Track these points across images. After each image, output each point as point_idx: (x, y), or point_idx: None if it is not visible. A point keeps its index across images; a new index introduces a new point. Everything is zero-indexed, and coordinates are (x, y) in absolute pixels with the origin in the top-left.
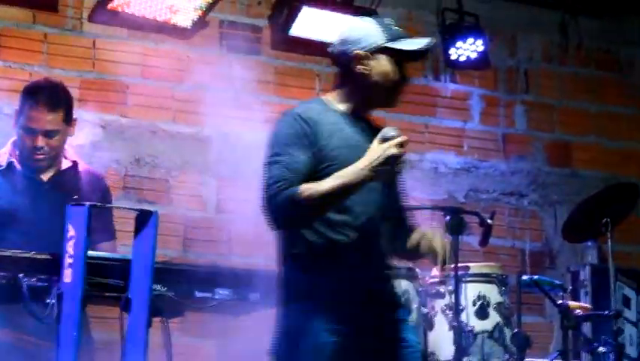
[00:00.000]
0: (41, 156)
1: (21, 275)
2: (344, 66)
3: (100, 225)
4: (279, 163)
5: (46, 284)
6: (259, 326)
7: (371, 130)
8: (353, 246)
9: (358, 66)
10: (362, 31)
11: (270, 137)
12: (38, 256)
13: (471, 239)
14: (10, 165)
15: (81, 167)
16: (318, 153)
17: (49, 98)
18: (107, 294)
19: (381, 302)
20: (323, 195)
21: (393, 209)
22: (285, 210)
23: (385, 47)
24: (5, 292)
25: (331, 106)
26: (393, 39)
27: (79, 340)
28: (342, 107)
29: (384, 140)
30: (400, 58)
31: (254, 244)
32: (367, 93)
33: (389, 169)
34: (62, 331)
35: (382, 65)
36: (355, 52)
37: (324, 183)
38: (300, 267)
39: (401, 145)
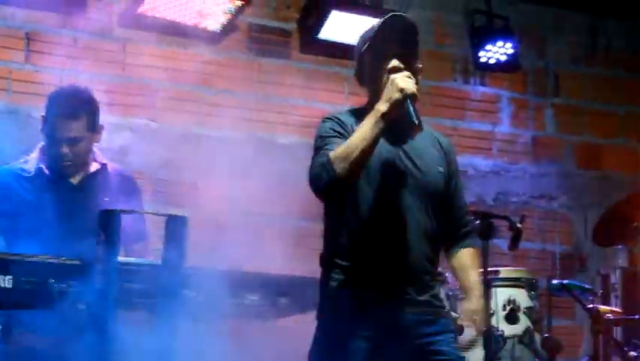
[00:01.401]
0: (67, 163)
1: (51, 280)
2: (358, 82)
3: (132, 226)
4: (320, 151)
5: (77, 289)
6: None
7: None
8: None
9: (360, 80)
10: (355, 48)
11: (314, 139)
12: (68, 262)
13: (501, 242)
14: (38, 170)
15: (110, 168)
16: None
17: (71, 106)
18: (137, 299)
19: (417, 314)
20: (350, 145)
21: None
22: (322, 172)
23: (362, 53)
24: (35, 297)
25: (360, 115)
26: (367, 40)
27: (109, 344)
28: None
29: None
30: (383, 53)
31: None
32: (372, 99)
33: (401, 100)
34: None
35: (366, 72)
36: (355, 70)
37: (349, 140)
38: (333, 272)
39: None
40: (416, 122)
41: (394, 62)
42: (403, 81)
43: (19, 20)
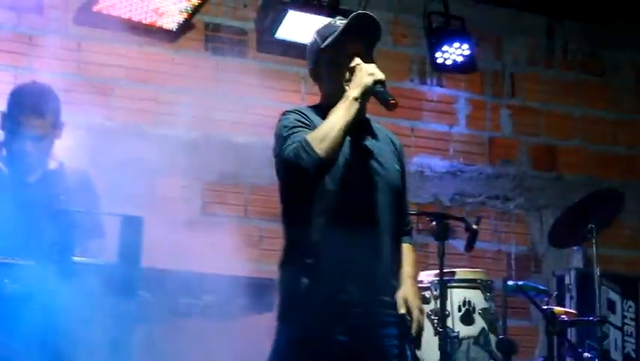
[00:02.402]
0: (30, 160)
1: (6, 281)
2: (314, 80)
3: (88, 223)
4: (289, 139)
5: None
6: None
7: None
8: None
9: (316, 79)
10: (309, 45)
11: (276, 133)
12: (23, 262)
13: (457, 243)
14: None
15: (67, 167)
16: None
17: (37, 103)
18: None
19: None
20: (326, 126)
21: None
22: (301, 153)
23: (320, 50)
24: None
25: (319, 113)
26: (325, 38)
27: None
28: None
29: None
30: (342, 51)
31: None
32: (330, 97)
33: (371, 84)
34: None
35: (325, 69)
36: (309, 68)
37: (323, 123)
38: (300, 272)
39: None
40: (392, 99)
41: (358, 60)
42: (372, 67)
43: None
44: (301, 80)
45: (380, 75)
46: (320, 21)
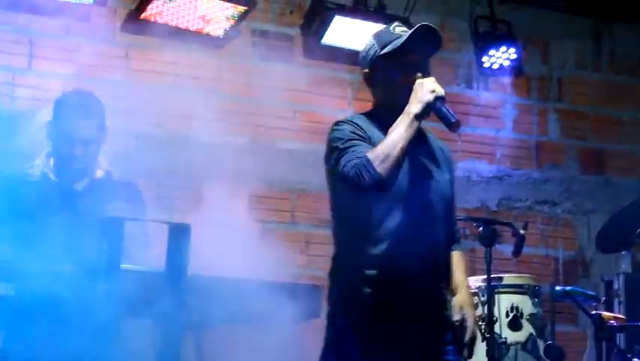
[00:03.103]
0: (79, 165)
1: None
2: (367, 84)
3: (135, 233)
4: (347, 153)
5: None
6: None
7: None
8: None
9: (370, 83)
10: (365, 49)
11: (329, 143)
12: (73, 270)
13: (504, 248)
14: (43, 175)
15: (115, 176)
16: None
17: (83, 107)
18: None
19: (426, 324)
20: (388, 146)
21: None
22: (363, 172)
23: (379, 56)
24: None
25: (372, 121)
26: (385, 45)
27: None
28: (379, 122)
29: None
30: (402, 60)
31: None
32: (383, 105)
33: (432, 101)
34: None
35: (382, 75)
36: (363, 71)
37: (383, 140)
38: (341, 280)
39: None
40: (455, 120)
41: (419, 74)
42: (433, 84)
43: (22, 25)
44: (348, 86)
45: (441, 92)
46: (366, 26)
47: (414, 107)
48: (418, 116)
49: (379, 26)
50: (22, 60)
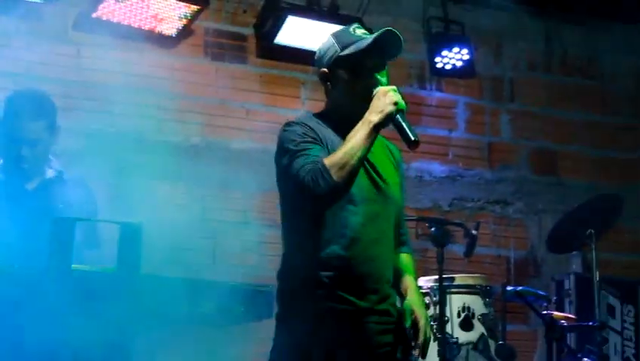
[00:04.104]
0: (27, 165)
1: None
2: (322, 84)
3: (85, 232)
4: (300, 156)
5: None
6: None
7: None
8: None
9: (327, 83)
10: (323, 47)
11: (281, 144)
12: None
13: (456, 248)
14: None
15: (67, 176)
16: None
17: (32, 107)
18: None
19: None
20: (346, 153)
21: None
22: (319, 179)
23: (339, 56)
24: None
25: (325, 121)
26: (346, 46)
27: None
28: (333, 122)
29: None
30: (361, 62)
31: None
32: (339, 105)
33: (394, 112)
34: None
35: (340, 76)
36: (320, 70)
37: (341, 147)
38: (292, 281)
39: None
40: (414, 138)
41: (383, 82)
42: (395, 94)
43: None
44: (301, 86)
45: (403, 104)
46: (319, 26)
47: (374, 116)
48: (378, 126)
49: (332, 26)
50: None
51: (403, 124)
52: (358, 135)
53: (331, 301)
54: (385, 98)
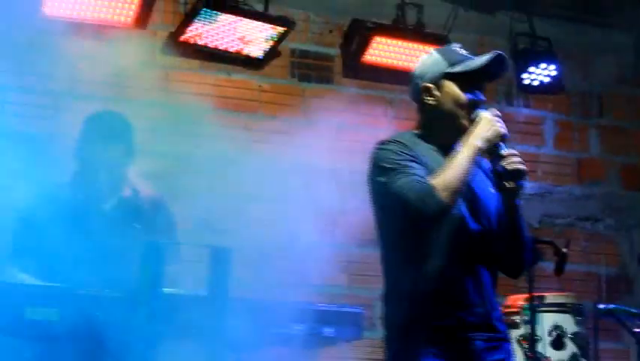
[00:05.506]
0: (104, 187)
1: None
2: (418, 101)
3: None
4: (401, 174)
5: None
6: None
7: None
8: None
9: (427, 98)
10: (426, 63)
11: (377, 162)
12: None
13: (546, 265)
14: (71, 195)
15: (143, 194)
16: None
17: (108, 130)
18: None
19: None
20: (451, 175)
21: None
22: (427, 199)
23: (447, 72)
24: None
25: (419, 140)
26: (455, 63)
27: None
28: (428, 141)
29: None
30: (469, 81)
31: None
32: (440, 123)
33: (498, 146)
34: None
35: (447, 92)
36: (422, 85)
37: (446, 168)
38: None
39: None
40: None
41: (495, 112)
42: (500, 125)
43: None
44: (387, 105)
45: (506, 133)
46: (405, 46)
47: (480, 141)
48: (480, 152)
49: (418, 45)
50: None
51: (502, 152)
52: (462, 158)
53: (439, 322)
54: (490, 125)
